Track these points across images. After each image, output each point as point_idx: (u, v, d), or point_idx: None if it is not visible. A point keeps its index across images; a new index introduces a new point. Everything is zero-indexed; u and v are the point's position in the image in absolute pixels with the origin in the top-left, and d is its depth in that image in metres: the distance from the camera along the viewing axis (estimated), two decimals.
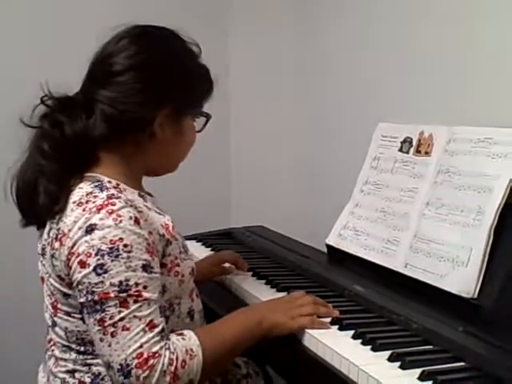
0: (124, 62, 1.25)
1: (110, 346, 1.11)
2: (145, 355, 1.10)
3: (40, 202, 1.23)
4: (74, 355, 1.24)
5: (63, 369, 1.26)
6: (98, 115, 1.24)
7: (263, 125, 2.61)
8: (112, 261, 1.12)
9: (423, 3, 1.81)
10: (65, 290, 1.20)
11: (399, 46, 1.90)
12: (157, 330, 1.13)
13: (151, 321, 1.13)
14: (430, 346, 1.19)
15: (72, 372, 1.24)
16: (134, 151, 1.28)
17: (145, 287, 1.14)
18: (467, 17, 1.65)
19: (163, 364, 1.10)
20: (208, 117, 1.37)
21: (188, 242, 1.38)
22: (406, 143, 1.65)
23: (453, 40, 1.70)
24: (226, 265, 1.68)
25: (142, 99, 1.24)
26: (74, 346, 1.24)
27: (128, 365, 1.09)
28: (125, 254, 1.13)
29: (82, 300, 1.14)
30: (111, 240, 1.12)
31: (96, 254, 1.12)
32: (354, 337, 1.23)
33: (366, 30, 2.06)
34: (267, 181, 2.59)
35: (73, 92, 1.31)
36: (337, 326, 1.28)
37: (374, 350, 1.17)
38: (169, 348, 1.13)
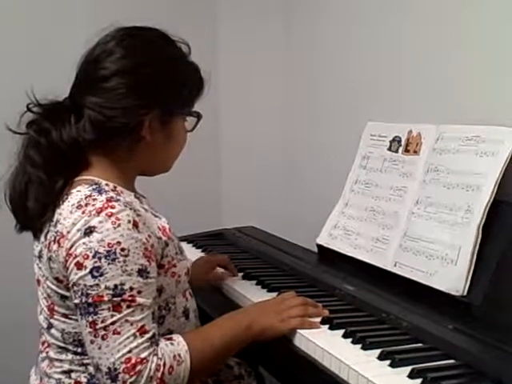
0: (110, 66, 1.24)
1: (99, 348, 1.11)
2: (133, 360, 1.10)
3: (30, 209, 1.24)
4: (70, 356, 1.25)
5: (58, 369, 1.26)
6: (87, 121, 1.23)
7: (253, 125, 2.61)
8: (108, 264, 1.12)
9: (411, 2, 1.82)
10: (62, 292, 1.21)
11: (388, 46, 1.91)
12: (147, 335, 1.13)
13: (142, 326, 1.13)
14: (420, 344, 1.20)
15: (68, 372, 1.25)
16: (125, 154, 1.28)
17: (139, 292, 1.14)
18: (455, 16, 1.66)
19: (150, 369, 1.11)
20: (199, 116, 1.36)
21: None
22: (395, 142, 1.66)
23: (441, 39, 1.70)
24: (219, 269, 1.68)
25: (128, 104, 1.23)
26: (70, 347, 1.24)
27: (116, 369, 1.10)
28: (121, 258, 1.13)
29: (76, 301, 1.15)
30: (109, 243, 1.13)
31: (93, 257, 1.12)
32: (345, 336, 1.23)
33: (355, 30, 2.06)
34: (258, 181, 2.59)
35: (62, 97, 1.30)
36: (327, 326, 1.29)
37: (364, 348, 1.18)
38: (157, 354, 1.13)
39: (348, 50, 2.09)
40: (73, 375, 1.24)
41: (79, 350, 1.23)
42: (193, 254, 1.84)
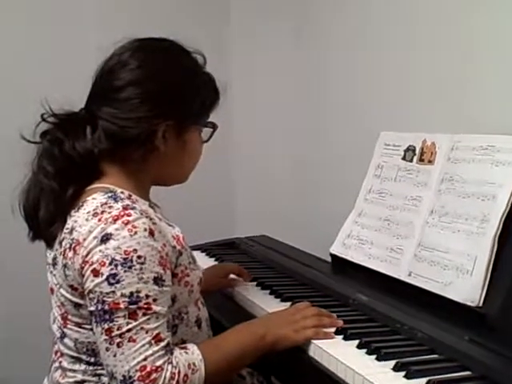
0: (124, 77, 1.25)
1: (115, 356, 1.12)
2: (148, 368, 1.10)
3: (41, 218, 1.24)
4: (83, 366, 1.25)
5: (71, 380, 1.26)
6: (101, 131, 1.24)
7: (265, 134, 2.61)
8: (125, 271, 1.12)
9: (423, 12, 1.82)
10: (76, 300, 1.21)
11: (401, 54, 1.90)
12: (162, 344, 1.13)
13: (158, 334, 1.13)
14: (436, 355, 1.19)
15: (81, 383, 1.25)
16: (139, 164, 1.28)
17: (154, 300, 1.14)
18: (468, 24, 1.65)
19: (165, 378, 1.11)
20: (214, 127, 1.36)
21: None
22: (409, 151, 1.65)
23: (455, 48, 1.70)
24: (231, 276, 1.69)
25: (141, 115, 1.23)
26: (84, 357, 1.24)
27: (130, 377, 1.10)
28: (138, 266, 1.13)
29: (91, 308, 1.15)
30: (125, 251, 1.13)
31: (110, 264, 1.13)
32: (359, 346, 1.22)
33: (367, 38, 2.06)
34: (270, 190, 2.59)
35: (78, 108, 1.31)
36: (341, 336, 1.28)
37: (378, 359, 1.17)
38: (171, 362, 1.13)
39: (361, 58, 2.09)
40: None
41: (92, 359, 1.23)
42: (206, 262, 1.83)
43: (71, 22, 2.37)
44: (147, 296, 1.13)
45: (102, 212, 1.17)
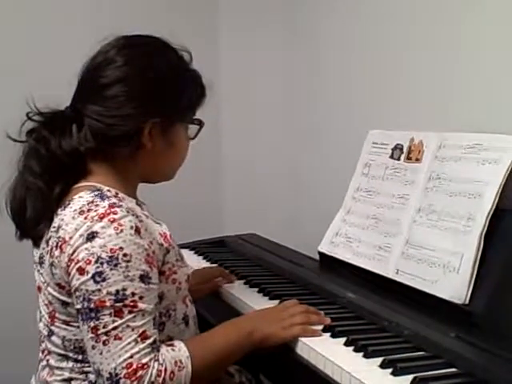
0: (110, 74, 1.25)
1: (101, 354, 1.12)
2: (134, 366, 1.10)
3: (28, 217, 1.24)
4: (71, 364, 1.25)
5: (59, 377, 1.26)
6: (87, 129, 1.24)
7: (254, 132, 2.62)
8: (111, 269, 1.13)
9: (413, 13, 1.82)
10: (64, 298, 1.21)
11: (389, 52, 1.91)
12: (148, 341, 1.13)
13: (144, 332, 1.13)
14: (422, 352, 1.20)
15: (68, 380, 1.25)
16: (126, 162, 1.28)
17: (141, 298, 1.14)
18: (457, 24, 1.66)
19: (151, 375, 1.11)
20: (201, 124, 1.36)
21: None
22: (397, 150, 1.66)
23: (443, 46, 1.71)
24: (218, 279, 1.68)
25: (127, 112, 1.23)
26: (71, 354, 1.24)
27: (117, 374, 1.10)
28: (124, 264, 1.13)
29: (78, 306, 1.15)
30: (111, 249, 1.13)
31: (96, 262, 1.13)
32: (346, 344, 1.23)
33: (357, 38, 2.06)
34: (259, 189, 2.60)
35: (63, 106, 1.30)
36: (329, 334, 1.28)
37: (365, 356, 1.17)
38: (158, 360, 1.13)
39: (350, 57, 2.10)
40: (73, 383, 1.24)
41: (80, 357, 1.23)
42: (194, 261, 1.84)
43: (58, 20, 2.36)
44: (133, 294, 1.13)
45: (89, 210, 1.17)
